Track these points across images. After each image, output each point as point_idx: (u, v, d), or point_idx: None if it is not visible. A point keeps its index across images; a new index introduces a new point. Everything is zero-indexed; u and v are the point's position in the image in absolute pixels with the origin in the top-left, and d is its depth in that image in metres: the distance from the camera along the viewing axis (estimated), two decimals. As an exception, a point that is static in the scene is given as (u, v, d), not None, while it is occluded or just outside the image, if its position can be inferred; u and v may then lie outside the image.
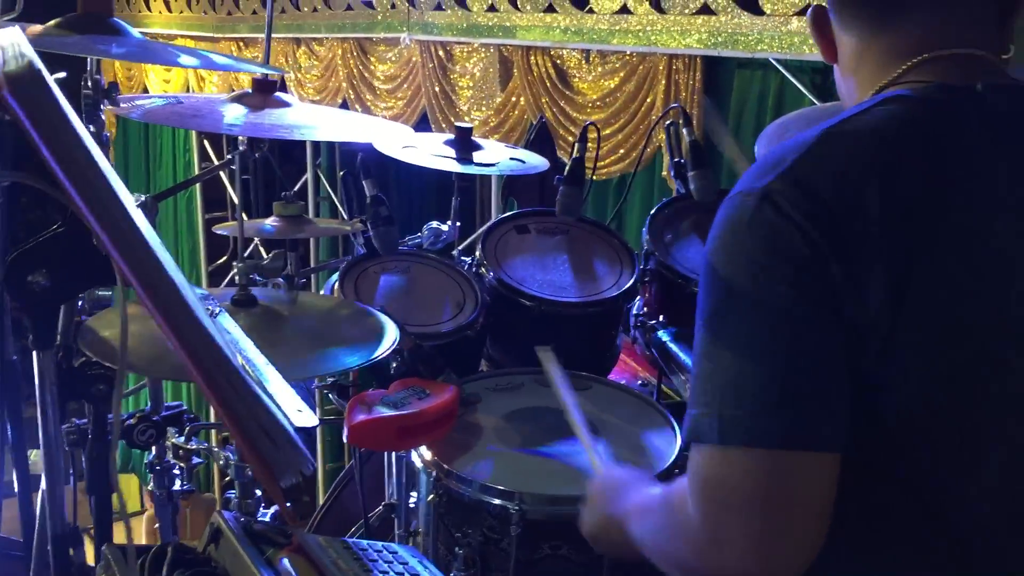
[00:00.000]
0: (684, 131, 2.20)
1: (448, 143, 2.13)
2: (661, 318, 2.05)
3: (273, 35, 5.31)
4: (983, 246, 0.86)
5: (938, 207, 0.85)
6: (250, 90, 1.84)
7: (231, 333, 1.22)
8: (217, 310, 1.29)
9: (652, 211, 2.21)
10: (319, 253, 5.16)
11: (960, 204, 0.86)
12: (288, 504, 0.89)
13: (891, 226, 0.83)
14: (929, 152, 0.87)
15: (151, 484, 1.86)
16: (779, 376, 0.83)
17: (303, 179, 5.35)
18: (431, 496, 1.62)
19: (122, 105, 1.79)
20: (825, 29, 1.04)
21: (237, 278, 1.51)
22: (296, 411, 1.00)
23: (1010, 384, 0.87)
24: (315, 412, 2.90)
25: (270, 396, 1.03)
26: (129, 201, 0.93)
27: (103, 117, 1.57)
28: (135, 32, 1.77)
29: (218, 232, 1.87)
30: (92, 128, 1.50)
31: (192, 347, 0.88)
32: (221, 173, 5.72)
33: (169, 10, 6.28)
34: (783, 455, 0.83)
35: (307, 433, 4.86)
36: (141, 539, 5.50)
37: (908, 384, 0.85)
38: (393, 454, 2.03)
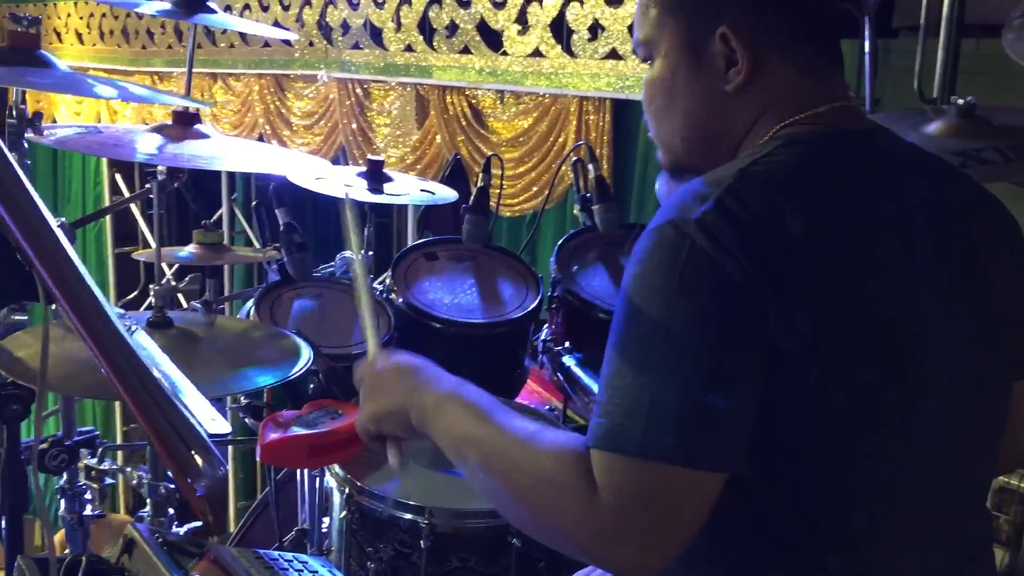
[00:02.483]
0: (590, 167, 2.32)
1: (360, 175, 2.20)
2: (567, 344, 2.15)
3: (189, 69, 5.31)
4: (882, 272, 0.96)
5: (847, 237, 0.95)
6: (170, 122, 1.89)
7: (147, 350, 1.27)
8: (133, 327, 1.33)
9: (559, 242, 2.32)
10: (234, 284, 5.14)
11: (865, 234, 0.96)
12: (201, 503, 0.95)
13: (811, 256, 0.91)
14: (832, 185, 0.98)
15: (62, 509, 1.86)
16: (705, 397, 0.87)
17: (218, 213, 5.33)
18: (343, 513, 1.67)
19: (45, 134, 1.82)
20: (750, 49, 1.02)
21: (153, 301, 1.55)
22: (210, 419, 1.05)
23: (901, 402, 0.96)
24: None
25: (185, 406, 1.09)
26: (51, 218, 0.98)
27: (26, 145, 1.61)
28: (61, 64, 1.81)
29: (136, 258, 1.91)
30: (15, 155, 1.53)
31: (112, 356, 0.93)
32: (133, 208, 5.65)
33: (82, 43, 6.22)
34: (693, 474, 0.88)
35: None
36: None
37: (812, 403, 0.92)
38: (307, 481, 2.07)
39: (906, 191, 1.02)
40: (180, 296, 5.23)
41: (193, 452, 0.96)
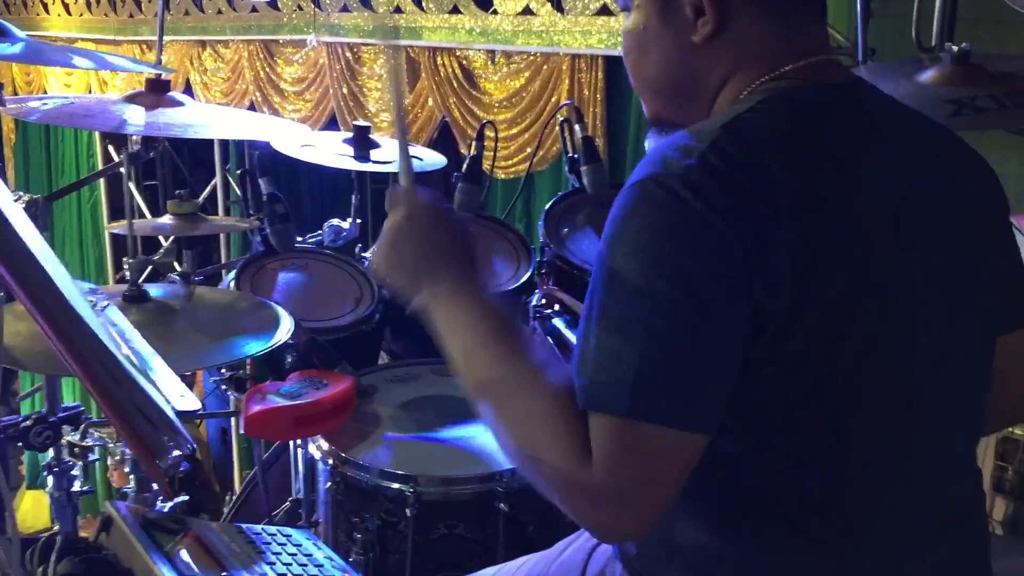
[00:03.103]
0: (577, 127, 2.27)
1: (347, 142, 2.16)
2: (557, 307, 2.12)
3: (177, 37, 5.24)
4: (869, 232, 0.93)
5: (834, 197, 0.92)
6: (143, 90, 1.85)
7: (118, 325, 1.24)
8: (104, 303, 1.30)
9: (547, 205, 2.28)
10: (230, 252, 5.11)
11: (852, 194, 0.93)
12: (167, 481, 0.93)
13: (796, 216, 0.88)
14: (817, 143, 0.95)
15: (49, 487, 1.85)
16: (689, 357, 0.86)
17: (212, 182, 5.29)
18: (329, 484, 1.66)
19: (10, 106, 1.78)
20: None
21: (128, 274, 1.52)
22: (179, 396, 1.03)
23: (888, 362, 0.94)
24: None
25: (153, 383, 1.07)
26: (3, 194, 0.95)
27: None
28: (21, 34, 1.77)
29: (112, 231, 1.87)
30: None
31: (67, 336, 0.90)
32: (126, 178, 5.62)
33: (69, 13, 6.13)
34: (681, 435, 0.86)
35: (223, 438, 4.77)
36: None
37: (796, 363, 0.90)
38: (298, 450, 2.06)
39: (894, 149, 0.99)
40: (177, 267, 5.22)
41: (157, 430, 0.94)
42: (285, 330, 1.55)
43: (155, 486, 1.66)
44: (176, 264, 1.87)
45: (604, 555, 1.15)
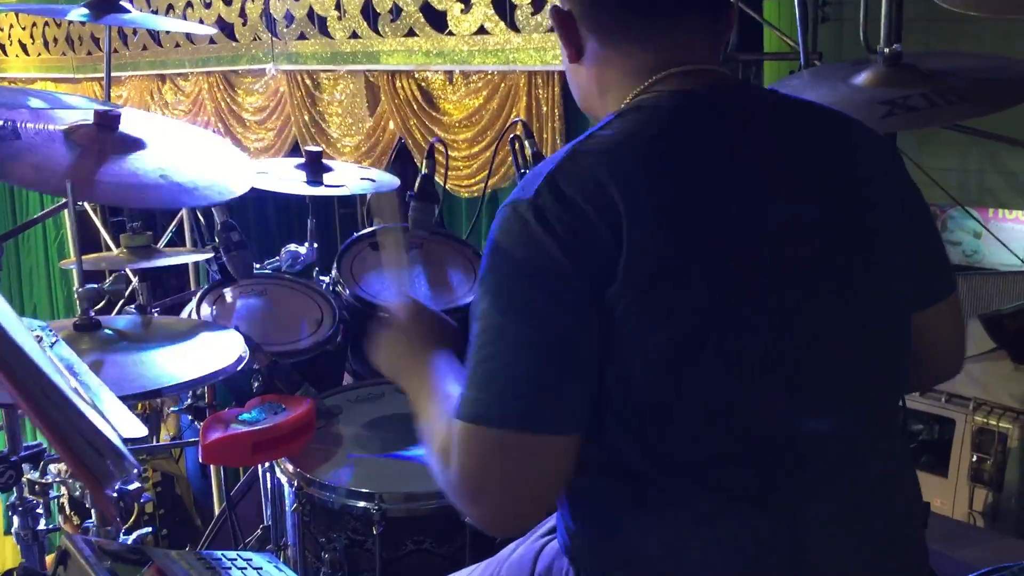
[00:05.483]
0: (527, 143, 2.30)
1: (299, 167, 2.19)
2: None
3: (136, 72, 5.25)
4: (729, 224, 0.98)
5: (674, 203, 0.97)
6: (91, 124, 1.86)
7: (67, 359, 1.25)
8: (53, 339, 1.31)
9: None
10: (199, 283, 5.11)
11: (700, 188, 0.98)
12: (115, 510, 0.94)
13: (634, 227, 0.94)
14: (665, 151, 1.00)
15: (15, 526, 1.84)
16: (534, 369, 0.95)
17: (179, 214, 5.29)
18: (295, 506, 1.67)
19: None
20: (571, 32, 1.10)
21: (78, 304, 1.53)
22: (126, 424, 1.04)
23: (761, 347, 0.97)
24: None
25: (100, 412, 1.08)
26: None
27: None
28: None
29: (62, 267, 1.88)
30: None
31: (11, 370, 0.91)
32: (93, 216, 5.60)
33: (27, 53, 6.13)
34: (529, 437, 0.95)
35: (203, 471, 4.73)
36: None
37: (671, 360, 0.95)
38: (267, 476, 2.07)
39: (756, 140, 1.03)
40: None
41: (104, 458, 0.95)
42: (236, 353, 1.56)
43: (117, 517, 1.66)
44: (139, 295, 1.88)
45: (552, 551, 1.18)
